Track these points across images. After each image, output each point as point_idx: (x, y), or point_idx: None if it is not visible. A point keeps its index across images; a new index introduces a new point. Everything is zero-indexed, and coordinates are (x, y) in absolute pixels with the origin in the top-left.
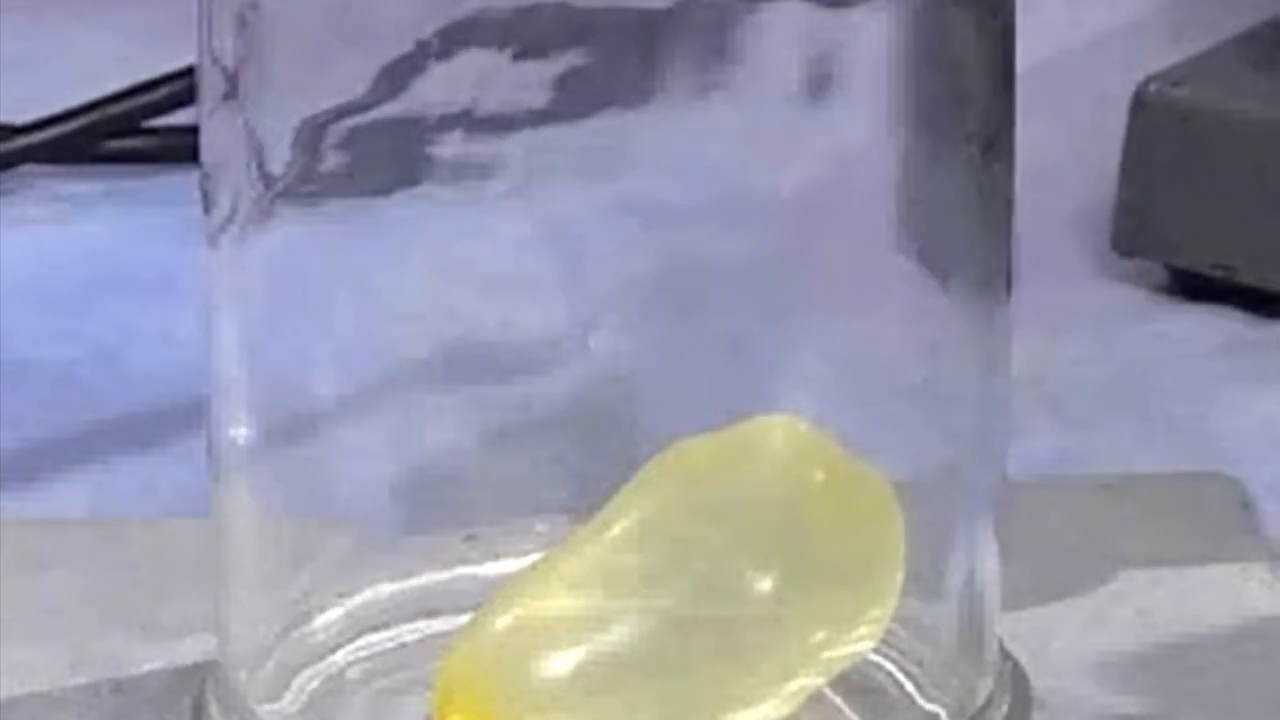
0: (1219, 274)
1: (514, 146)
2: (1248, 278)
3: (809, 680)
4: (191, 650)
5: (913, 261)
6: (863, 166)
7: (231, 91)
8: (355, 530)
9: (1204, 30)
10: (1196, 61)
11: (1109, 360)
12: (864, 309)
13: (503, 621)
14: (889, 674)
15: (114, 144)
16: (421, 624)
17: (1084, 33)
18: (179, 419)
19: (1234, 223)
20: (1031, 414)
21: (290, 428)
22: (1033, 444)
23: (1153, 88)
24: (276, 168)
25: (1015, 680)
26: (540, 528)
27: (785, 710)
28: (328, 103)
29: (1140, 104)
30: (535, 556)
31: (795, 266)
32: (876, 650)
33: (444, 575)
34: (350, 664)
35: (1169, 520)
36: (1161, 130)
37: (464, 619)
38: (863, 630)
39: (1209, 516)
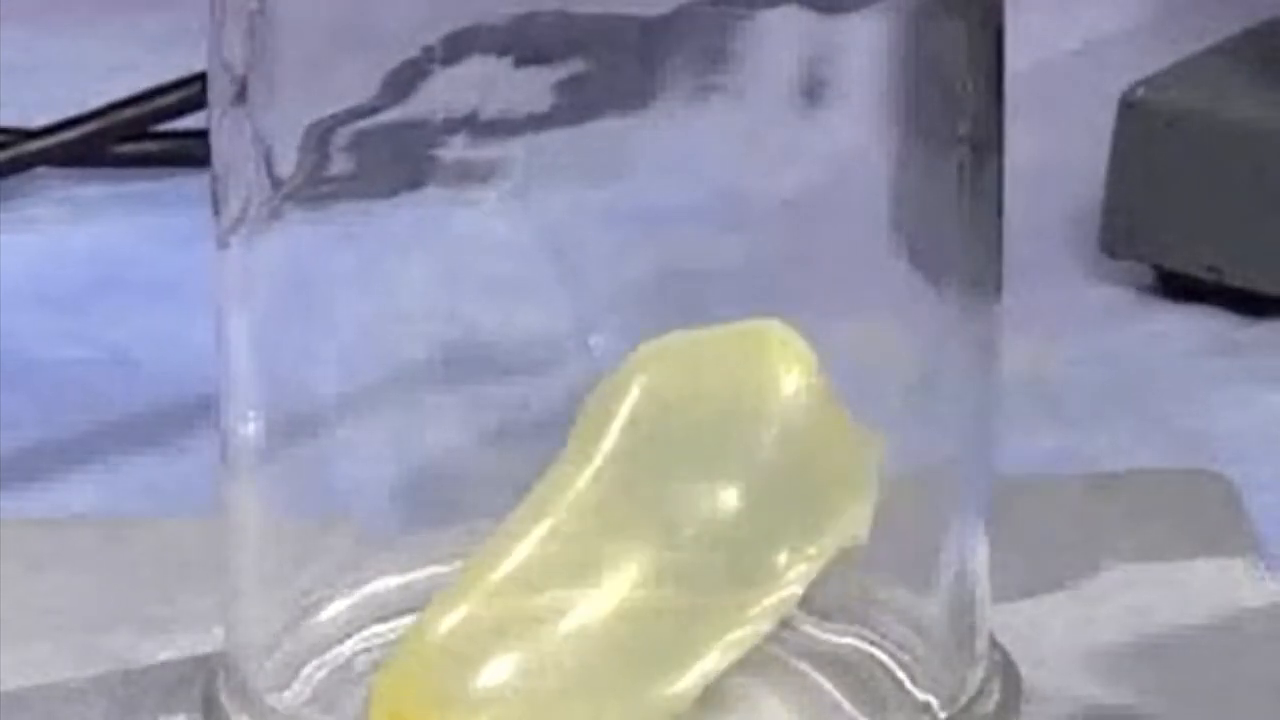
0: (1207, 275)
1: (516, 150)
2: (1235, 279)
3: (753, 629)
4: (196, 647)
5: (905, 262)
6: (856, 169)
7: (240, 96)
8: (358, 527)
9: (1195, 35)
10: (1183, 66)
11: (1102, 361)
12: (857, 309)
13: (443, 624)
14: (882, 664)
15: (125, 148)
16: None
17: (1075, 37)
18: (183, 420)
19: (1221, 225)
20: (1029, 414)
21: (297, 426)
22: (1032, 443)
23: (1140, 92)
24: (284, 170)
25: (1005, 671)
26: None
27: (727, 662)
28: (334, 107)
29: (1128, 108)
30: None
31: (789, 268)
32: (871, 641)
33: (446, 569)
34: (356, 654)
35: (1159, 517)
36: (1149, 134)
37: None
38: (808, 556)
39: (1199, 513)
